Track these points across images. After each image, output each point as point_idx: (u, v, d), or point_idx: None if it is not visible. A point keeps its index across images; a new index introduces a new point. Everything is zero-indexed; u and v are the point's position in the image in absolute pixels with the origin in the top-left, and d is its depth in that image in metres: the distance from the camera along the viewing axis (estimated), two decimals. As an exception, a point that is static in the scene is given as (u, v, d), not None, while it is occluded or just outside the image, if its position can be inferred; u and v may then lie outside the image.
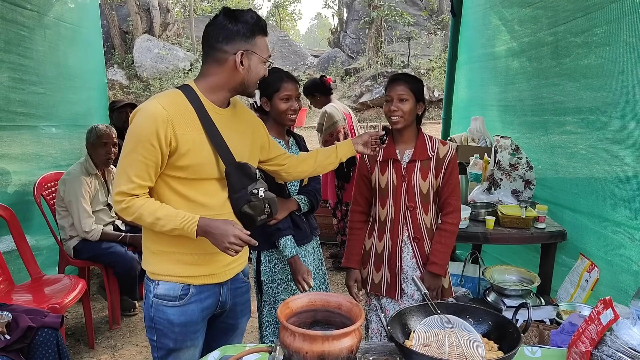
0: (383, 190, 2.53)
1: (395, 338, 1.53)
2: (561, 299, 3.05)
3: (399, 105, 2.41)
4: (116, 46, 18.81)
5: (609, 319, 1.51)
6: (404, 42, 18.95)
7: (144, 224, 1.81)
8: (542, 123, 3.66)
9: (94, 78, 5.26)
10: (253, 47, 1.84)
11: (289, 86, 2.47)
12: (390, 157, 2.52)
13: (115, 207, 1.82)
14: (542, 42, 3.61)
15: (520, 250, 3.78)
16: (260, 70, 1.89)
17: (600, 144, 2.95)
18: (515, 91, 4.09)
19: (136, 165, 1.76)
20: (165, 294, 1.91)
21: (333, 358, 1.44)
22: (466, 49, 5.30)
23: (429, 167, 2.48)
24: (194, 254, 1.91)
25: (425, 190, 2.48)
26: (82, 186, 3.72)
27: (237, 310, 2.15)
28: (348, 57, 20.51)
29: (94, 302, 4.32)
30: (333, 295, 1.70)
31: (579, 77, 3.16)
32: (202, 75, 1.90)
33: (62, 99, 4.52)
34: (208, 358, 1.78)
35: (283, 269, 2.59)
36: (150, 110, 1.75)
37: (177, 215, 1.78)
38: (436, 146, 2.51)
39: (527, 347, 1.83)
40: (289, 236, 2.49)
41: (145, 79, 17.57)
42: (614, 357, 1.48)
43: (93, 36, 5.24)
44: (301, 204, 2.57)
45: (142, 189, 1.79)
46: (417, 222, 2.50)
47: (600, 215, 2.95)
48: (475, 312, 1.73)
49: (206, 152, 1.84)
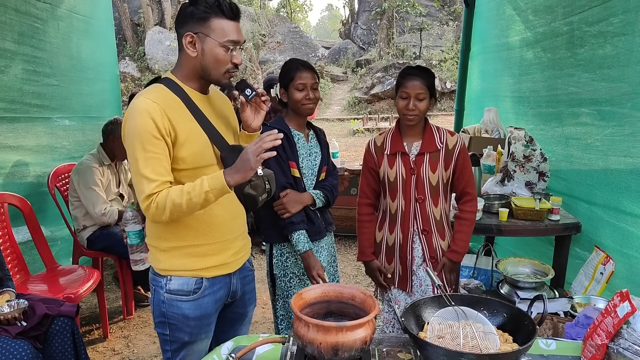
0: (392, 184, 2.50)
1: (409, 330, 1.53)
2: (575, 292, 3.03)
3: (416, 105, 2.36)
4: (128, 38, 18.87)
5: (626, 311, 1.50)
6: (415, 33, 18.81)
7: (179, 209, 1.73)
8: (557, 114, 3.61)
9: (106, 70, 5.27)
10: (206, 29, 1.76)
11: (303, 74, 2.43)
12: (398, 150, 2.48)
13: (147, 215, 1.77)
14: (557, 32, 3.56)
15: (533, 243, 3.75)
16: (219, 55, 1.79)
17: (616, 136, 2.91)
18: (530, 82, 4.04)
19: (150, 163, 1.72)
20: (179, 289, 1.91)
21: (347, 349, 1.44)
22: (479, 39, 5.24)
23: (438, 159, 2.45)
24: (205, 245, 1.92)
25: (434, 182, 2.46)
26: (94, 175, 3.74)
27: (245, 299, 2.16)
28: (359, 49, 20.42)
29: (107, 292, 4.36)
30: (346, 287, 1.70)
31: (595, 68, 3.11)
32: (177, 64, 1.89)
33: (76, 91, 4.55)
34: (222, 348, 1.79)
35: (295, 263, 2.56)
36: (141, 107, 1.73)
37: (202, 181, 1.73)
38: (444, 137, 2.47)
39: (541, 339, 1.82)
40: (302, 230, 2.45)
41: (157, 71, 17.64)
42: (630, 350, 1.47)
43: (105, 28, 5.26)
44: (316, 198, 2.52)
45: (164, 185, 1.74)
46: (426, 215, 2.48)
47: (616, 207, 2.91)
48: (490, 304, 1.72)
49: (202, 139, 1.84)
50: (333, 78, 19.49)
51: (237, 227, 2.03)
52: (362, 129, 14.05)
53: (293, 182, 2.48)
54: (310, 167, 2.56)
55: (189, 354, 1.99)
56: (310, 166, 2.56)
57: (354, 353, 1.46)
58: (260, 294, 4.41)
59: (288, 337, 1.67)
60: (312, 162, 2.57)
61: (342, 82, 19.40)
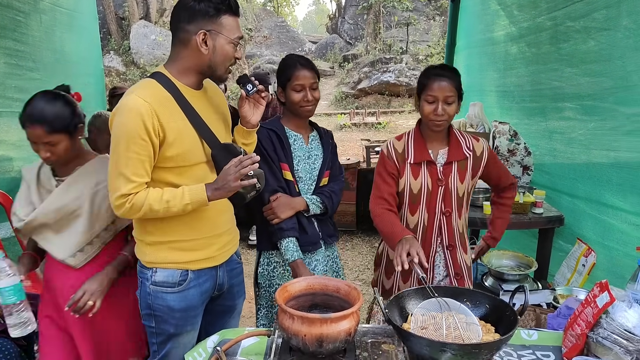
0: (415, 196, 2.22)
1: (393, 321, 1.54)
2: (558, 284, 3.07)
3: (445, 109, 2.11)
4: (112, 32, 18.67)
5: (605, 301, 1.53)
6: (402, 28, 18.85)
7: (155, 214, 1.78)
8: (541, 109, 3.65)
9: (90, 64, 5.22)
10: (218, 27, 1.77)
11: (301, 74, 2.23)
12: (423, 159, 2.21)
13: (117, 211, 1.78)
14: (541, 27, 3.60)
15: (517, 236, 3.80)
16: (229, 52, 1.82)
17: (599, 130, 2.95)
18: (514, 77, 4.08)
19: (132, 163, 1.73)
20: (164, 281, 1.91)
21: (331, 340, 1.46)
22: (465, 34, 5.28)
23: (466, 168, 2.23)
24: (190, 240, 1.92)
25: (461, 193, 2.24)
26: None
27: (233, 292, 2.17)
28: (346, 43, 20.41)
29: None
30: (332, 279, 1.71)
31: (578, 63, 3.15)
32: (171, 59, 1.86)
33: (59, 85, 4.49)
34: (207, 342, 1.80)
35: (282, 275, 2.37)
36: (132, 106, 1.72)
37: (183, 192, 1.77)
38: (470, 144, 2.25)
39: (523, 330, 1.85)
40: (291, 238, 2.23)
41: (142, 65, 17.47)
42: (609, 339, 1.50)
43: (89, 22, 5.20)
44: (311, 204, 2.30)
45: (141, 186, 1.77)
46: (452, 229, 2.26)
47: (597, 200, 2.96)
48: (473, 295, 1.74)
49: (191, 137, 1.83)
50: (320, 73, 19.40)
51: (223, 222, 2.03)
52: (349, 124, 14.09)
53: (285, 185, 2.29)
54: (308, 171, 2.35)
55: (174, 346, 1.99)
56: (308, 170, 2.35)
57: (339, 344, 1.48)
58: (247, 288, 4.41)
59: (273, 329, 1.68)
60: (310, 166, 2.36)
61: (329, 77, 19.39)
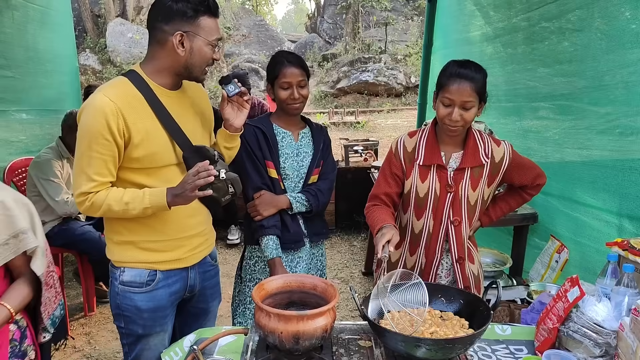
0: (421, 200, 2.06)
1: (368, 317, 1.55)
2: (532, 280, 3.12)
3: (462, 115, 1.91)
4: (88, 30, 18.36)
5: (576, 296, 1.56)
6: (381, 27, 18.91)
7: (114, 214, 1.77)
8: (516, 108, 3.71)
9: (65, 62, 5.15)
10: (196, 28, 1.75)
11: (288, 72, 2.20)
12: (433, 162, 2.03)
13: (79, 208, 1.77)
14: (516, 28, 3.65)
15: (493, 233, 3.85)
16: (206, 54, 1.80)
17: (572, 129, 3.01)
18: (490, 76, 4.02)
19: (94, 163, 1.72)
20: (131, 281, 1.89)
21: (308, 337, 1.46)
22: (442, 34, 5.33)
23: (481, 175, 2.03)
24: (159, 241, 1.89)
25: (473, 201, 2.05)
26: (53, 167, 3.66)
27: (207, 294, 2.14)
28: (325, 43, 20.41)
29: (68, 289, 4.28)
30: (308, 277, 1.72)
31: (552, 63, 3.20)
32: (147, 58, 1.84)
33: (33, 83, 4.42)
34: (184, 341, 1.79)
35: (263, 269, 2.36)
36: (97, 105, 1.70)
37: (144, 195, 1.75)
38: (489, 149, 2.04)
39: (497, 325, 1.88)
40: (272, 236, 2.23)
41: (119, 63, 17.22)
42: (579, 332, 1.53)
43: (63, 19, 5.12)
44: (295, 202, 2.28)
45: (103, 185, 1.75)
46: (461, 240, 2.07)
47: (570, 197, 3.02)
48: (447, 291, 1.77)
49: (161, 139, 1.80)
50: (300, 72, 19.36)
51: (194, 225, 1.98)
52: (328, 123, 14.11)
53: (270, 183, 2.29)
54: (295, 168, 2.34)
55: (145, 348, 1.96)
56: (296, 167, 2.34)
57: (315, 341, 1.49)
58: (226, 288, 4.40)
59: (250, 327, 1.68)
60: (298, 163, 2.34)
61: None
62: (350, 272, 4.84)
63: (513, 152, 2.08)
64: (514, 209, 2.26)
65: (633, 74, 2.47)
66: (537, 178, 2.14)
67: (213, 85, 14.42)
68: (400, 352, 1.50)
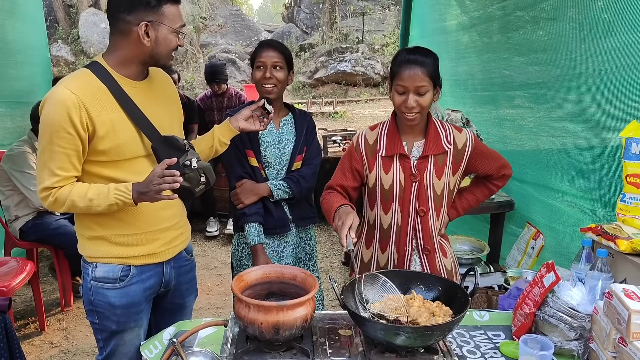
0: (387, 192, 2.03)
1: (348, 307, 1.56)
2: (509, 266, 3.18)
3: (418, 100, 1.90)
4: (60, 20, 17.93)
5: (551, 281, 1.59)
6: (358, 17, 18.89)
7: (78, 210, 1.74)
8: (492, 97, 3.74)
9: (36, 53, 5.04)
10: (160, 17, 1.73)
11: (263, 53, 2.29)
12: (395, 152, 2.01)
13: (43, 203, 1.74)
14: (491, 17, 3.68)
15: (470, 221, 3.89)
16: (172, 42, 1.78)
17: (547, 117, 3.06)
18: (466, 65, 4.16)
19: (57, 157, 1.68)
20: (104, 277, 1.85)
21: (288, 327, 1.46)
22: (418, 23, 5.33)
23: (445, 163, 2.01)
24: (131, 235, 1.86)
25: (439, 190, 2.02)
26: (28, 159, 3.60)
27: (182, 289, 2.11)
28: (302, 33, 20.29)
29: (44, 284, 4.20)
30: (287, 267, 1.72)
31: (527, 52, 3.23)
32: (110, 49, 1.80)
33: (2, 75, 4.32)
34: (163, 334, 1.77)
35: (249, 256, 2.42)
36: (58, 97, 1.66)
37: (109, 191, 1.71)
38: (451, 135, 2.03)
39: (475, 311, 1.90)
40: (254, 223, 2.32)
41: (93, 54, 16.86)
42: (555, 317, 1.56)
43: (33, 8, 5.00)
44: (276, 190, 2.33)
45: (67, 180, 1.72)
46: (428, 231, 2.04)
47: (545, 184, 3.06)
48: (425, 278, 1.78)
49: (127, 130, 1.77)
50: (277, 62, 19.25)
51: (167, 218, 1.94)
52: (307, 114, 14.09)
53: (251, 171, 2.36)
54: (277, 156, 2.38)
55: (120, 343, 1.94)
56: (278, 155, 2.38)
57: (295, 331, 1.49)
58: (205, 280, 4.39)
59: (230, 319, 1.68)
60: (280, 151, 2.38)
61: (286, 67, 19.25)
62: (330, 262, 4.85)
63: (475, 139, 2.08)
64: (480, 200, 2.24)
65: (605, 63, 2.51)
66: (502, 168, 2.14)
67: (189, 76, 14.26)
68: (380, 340, 1.51)
